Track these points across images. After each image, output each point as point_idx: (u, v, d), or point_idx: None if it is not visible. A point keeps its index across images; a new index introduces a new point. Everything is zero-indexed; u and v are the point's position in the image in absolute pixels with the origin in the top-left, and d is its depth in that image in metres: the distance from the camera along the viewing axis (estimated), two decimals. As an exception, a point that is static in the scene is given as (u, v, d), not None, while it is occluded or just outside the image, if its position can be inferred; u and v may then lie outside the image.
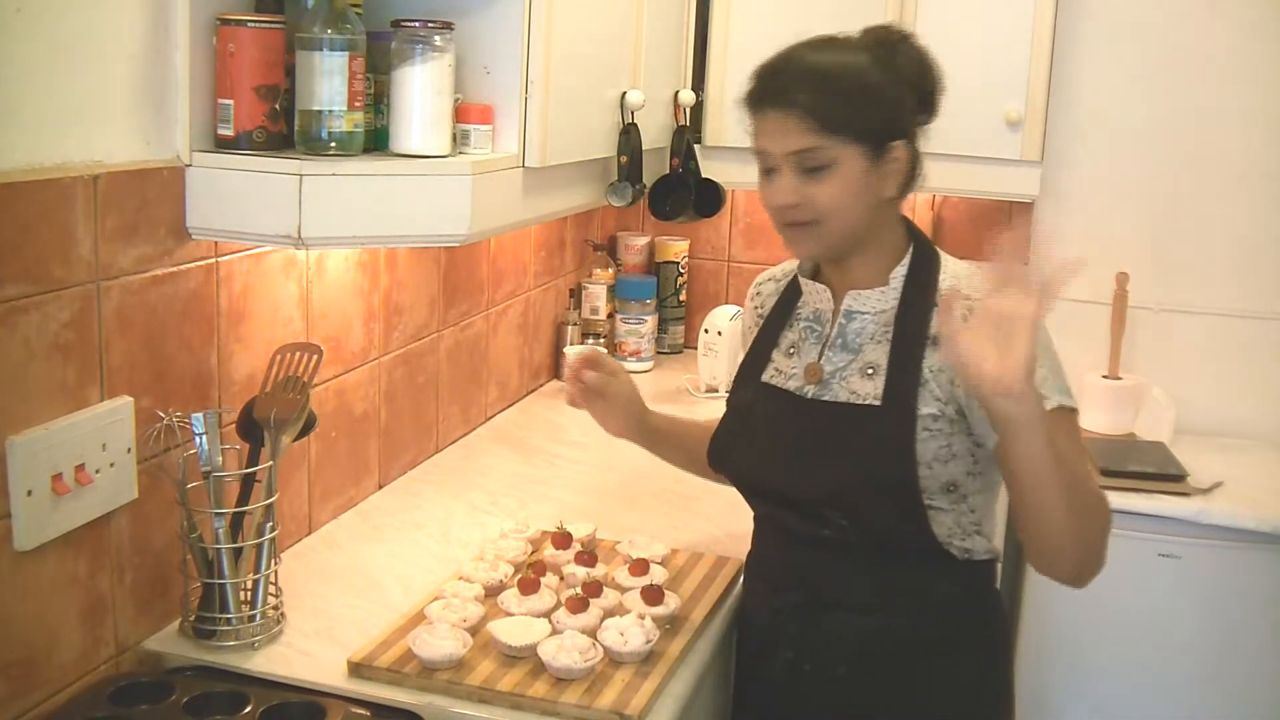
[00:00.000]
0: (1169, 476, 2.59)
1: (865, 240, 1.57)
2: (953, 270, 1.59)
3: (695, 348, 2.97)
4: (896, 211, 1.61)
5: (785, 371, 1.66)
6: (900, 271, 1.59)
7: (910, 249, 1.60)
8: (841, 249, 1.58)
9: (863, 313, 1.60)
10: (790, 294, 1.72)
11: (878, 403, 1.54)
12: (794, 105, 1.50)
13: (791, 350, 1.67)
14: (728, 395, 1.77)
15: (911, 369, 1.53)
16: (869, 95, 1.52)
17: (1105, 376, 2.92)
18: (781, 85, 1.53)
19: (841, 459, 1.56)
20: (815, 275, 1.69)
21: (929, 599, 1.59)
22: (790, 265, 1.77)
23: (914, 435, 1.51)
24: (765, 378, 1.68)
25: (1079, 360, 2.96)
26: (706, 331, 2.87)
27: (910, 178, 1.58)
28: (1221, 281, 2.91)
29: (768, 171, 1.57)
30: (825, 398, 1.60)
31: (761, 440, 1.65)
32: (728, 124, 2.57)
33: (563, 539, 1.86)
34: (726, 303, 3.04)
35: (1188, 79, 2.87)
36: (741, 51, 2.55)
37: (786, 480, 1.61)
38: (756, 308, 1.79)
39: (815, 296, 1.66)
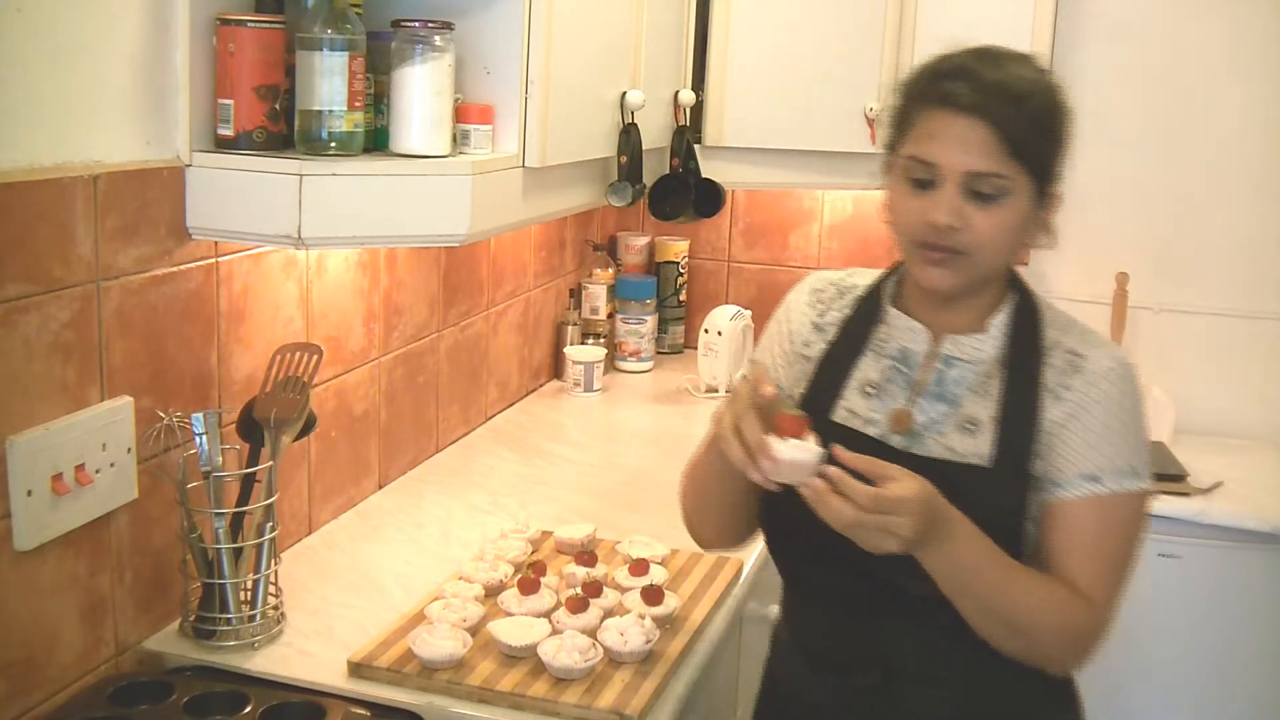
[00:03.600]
0: (1169, 476, 2.59)
1: None
2: (1056, 322, 1.44)
3: (695, 348, 2.97)
4: None
5: (862, 414, 1.44)
6: (1000, 319, 1.43)
7: (1011, 295, 1.45)
8: (971, 288, 1.41)
9: (963, 360, 1.43)
10: (865, 317, 1.49)
11: (984, 463, 1.37)
12: (988, 117, 1.31)
13: (870, 390, 1.45)
14: None
15: (1026, 426, 1.38)
16: (1058, 123, 1.37)
17: (1105, 376, 2.92)
18: (979, 91, 1.32)
19: None
20: (898, 305, 1.49)
21: (1020, 667, 1.38)
22: (853, 277, 1.56)
23: (1027, 498, 1.37)
24: (837, 417, 1.45)
25: (1079, 360, 2.96)
26: (706, 331, 2.87)
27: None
28: (1221, 281, 2.91)
29: (921, 183, 1.36)
30: (918, 452, 1.39)
31: None
32: (728, 124, 2.57)
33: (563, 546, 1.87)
34: (726, 303, 3.04)
35: (1187, 79, 2.87)
36: (741, 51, 2.55)
37: None
38: (819, 316, 1.53)
39: (906, 334, 1.45)
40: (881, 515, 1.24)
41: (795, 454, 1.27)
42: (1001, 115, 1.31)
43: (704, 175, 2.49)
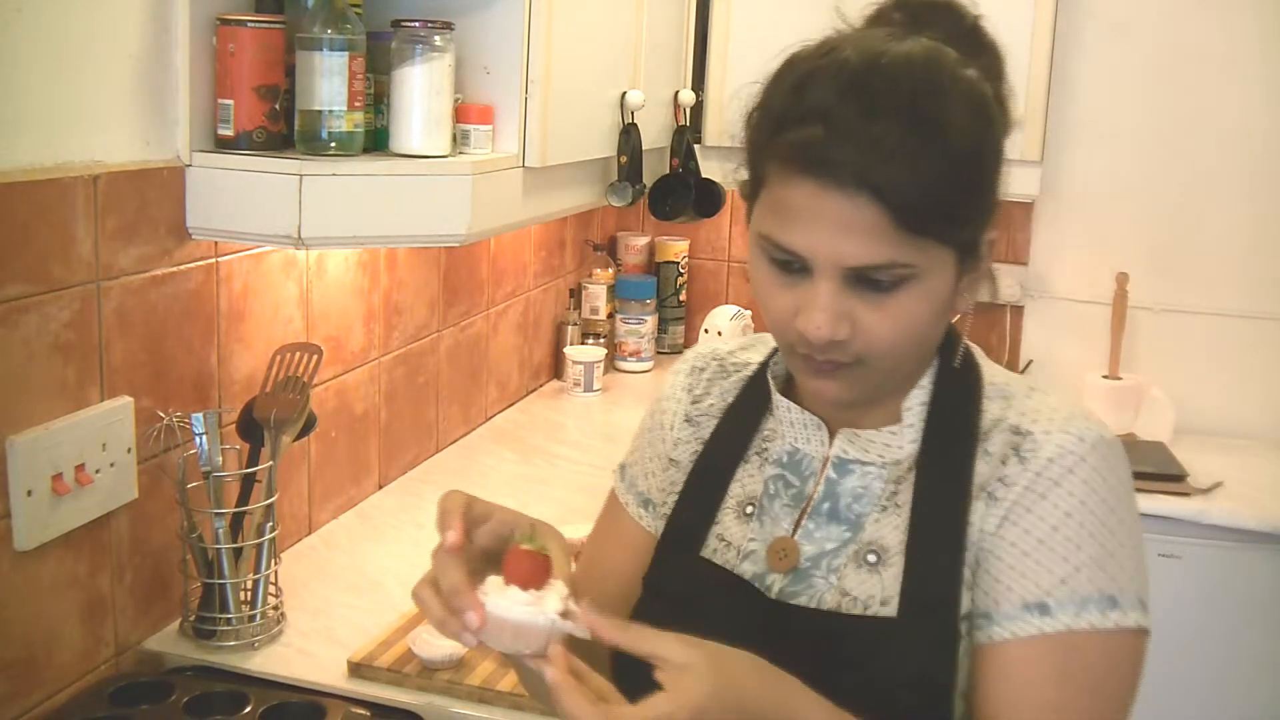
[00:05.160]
0: (1169, 476, 2.59)
1: None
2: (999, 389, 1.03)
3: (695, 348, 2.97)
4: None
5: (736, 544, 1.05)
6: (919, 398, 1.02)
7: (931, 366, 1.03)
8: (883, 390, 1.01)
9: (864, 464, 1.03)
10: (750, 407, 1.10)
11: (889, 612, 0.97)
12: (874, 193, 0.87)
13: (750, 508, 1.06)
14: (647, 570, 1.10)
15: (947, 550, 0.97)
16: (982, 158, 0.93)
17: (1105, 376, 2.92)
18: (858, 148, 0.87)
19: (833, 699, 0.91)
20: (790, 388, 1.08)
21: None
22: (748, 351, 1.16)
23: (952, 657, 0.95)
24: (707, 550, 1.06)
25: (1079, 360, 2.97)
26: (706, 331, 2.88)
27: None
28: (1221, 281, 2.91)
29: (787, 265, 0.95)
30: (801, 601, 1.00)
31: None
32: (728, 124, 2.57)
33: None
34: (726, 303, 3.04)
35: (1187, 79, 2.87)
36: (741, 51, 2.55)
37: None
38: (693, 403, 1.14)
39: (797, 429, 1.05)
40: None
41: (516, 613, 0.85)
42: (895, 185, 0.87)
43: (704, 175, 2.49)
